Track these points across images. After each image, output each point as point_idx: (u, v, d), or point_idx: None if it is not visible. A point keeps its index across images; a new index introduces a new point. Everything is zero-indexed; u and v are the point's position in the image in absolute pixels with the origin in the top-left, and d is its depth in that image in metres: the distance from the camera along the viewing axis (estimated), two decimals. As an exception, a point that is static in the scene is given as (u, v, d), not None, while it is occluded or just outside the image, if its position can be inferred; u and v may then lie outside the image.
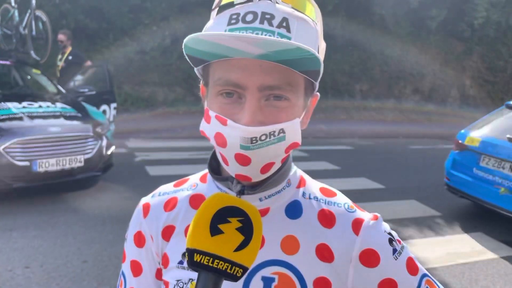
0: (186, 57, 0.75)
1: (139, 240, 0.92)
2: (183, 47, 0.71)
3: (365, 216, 0.85)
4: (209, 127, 0.77)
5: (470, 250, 4.62)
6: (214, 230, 0.64)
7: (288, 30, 0.72)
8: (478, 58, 17.98)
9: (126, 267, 0.95)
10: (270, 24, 0.72)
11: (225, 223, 0.65)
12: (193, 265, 0.64)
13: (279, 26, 0.72)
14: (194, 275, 0.81)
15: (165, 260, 0.89)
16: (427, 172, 8.20)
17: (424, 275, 0.86)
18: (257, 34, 0.71)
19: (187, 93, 12.77)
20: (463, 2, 16.68)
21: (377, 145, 11.31)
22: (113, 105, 7.58)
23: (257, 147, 0.73)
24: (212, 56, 0.72)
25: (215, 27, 0.76)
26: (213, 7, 0.79)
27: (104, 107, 7.36)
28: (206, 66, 0.77)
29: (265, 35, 0.71)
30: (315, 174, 1.00)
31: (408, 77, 16.64)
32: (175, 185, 0.95)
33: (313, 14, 0.78)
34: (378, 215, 0.86)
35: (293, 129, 0.75)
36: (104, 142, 5.91)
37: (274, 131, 0.73)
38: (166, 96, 12.69)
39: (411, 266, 0.85)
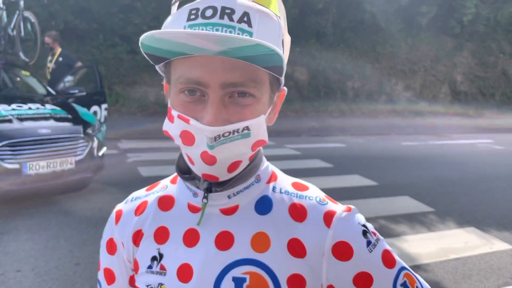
0: (145, 55, 0.72)
1: (111, 247, 0.91)
2: (139, 45, 0.69)
3: (337, 208, 0.82)
4: (173, 127, 0.75)
5: (463, 245, 4.64)
6: None
7: (249, 25, 0.71)
8: (468, 54, 18.11)
9: (100, 275, 0.94)
10: (231, 19, 0.70)
11: None
12: None
13: (240, 21, 0.71)
14: (164, 279, 0.81)
15: (136, 266, 0.87)
16: (419, 168, 8.24)
17: (403, 268, 0.83)
18: (217, 30, 0.69)
19: (178, 93, 12.72)
20: (452, -1, 16.78)
21: (370, 142, 11.35)
22: (104, 106, 7.53)
23: (220, 143, 0.72)
24: (171, 54, 0.70)
25: (174, 24, 0.74)
26: (173, 1, 0.76)
27: (95, 108, 7.31)
28: (167, 64, 0.76)
29: (226, 30, 0.69)
30: (307, 172, 0.98)
31: (400, 74, 16.72)
32: (147, 189, 0.93)
33: (275, 7, 0.76)
34: (352, 206, 0.83)
35: (258, 126, 0.74)
36: (95, 144, 5.86)
37: (238, 129, 0.72)
38: (158, 96, 12.64)
39: (387, 259, 0.82)
